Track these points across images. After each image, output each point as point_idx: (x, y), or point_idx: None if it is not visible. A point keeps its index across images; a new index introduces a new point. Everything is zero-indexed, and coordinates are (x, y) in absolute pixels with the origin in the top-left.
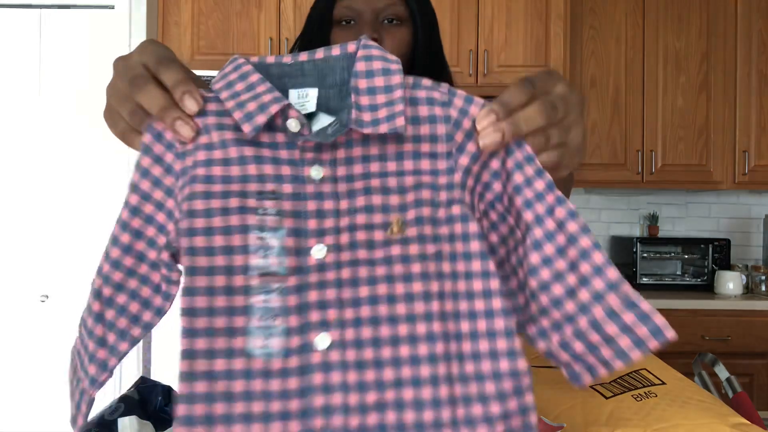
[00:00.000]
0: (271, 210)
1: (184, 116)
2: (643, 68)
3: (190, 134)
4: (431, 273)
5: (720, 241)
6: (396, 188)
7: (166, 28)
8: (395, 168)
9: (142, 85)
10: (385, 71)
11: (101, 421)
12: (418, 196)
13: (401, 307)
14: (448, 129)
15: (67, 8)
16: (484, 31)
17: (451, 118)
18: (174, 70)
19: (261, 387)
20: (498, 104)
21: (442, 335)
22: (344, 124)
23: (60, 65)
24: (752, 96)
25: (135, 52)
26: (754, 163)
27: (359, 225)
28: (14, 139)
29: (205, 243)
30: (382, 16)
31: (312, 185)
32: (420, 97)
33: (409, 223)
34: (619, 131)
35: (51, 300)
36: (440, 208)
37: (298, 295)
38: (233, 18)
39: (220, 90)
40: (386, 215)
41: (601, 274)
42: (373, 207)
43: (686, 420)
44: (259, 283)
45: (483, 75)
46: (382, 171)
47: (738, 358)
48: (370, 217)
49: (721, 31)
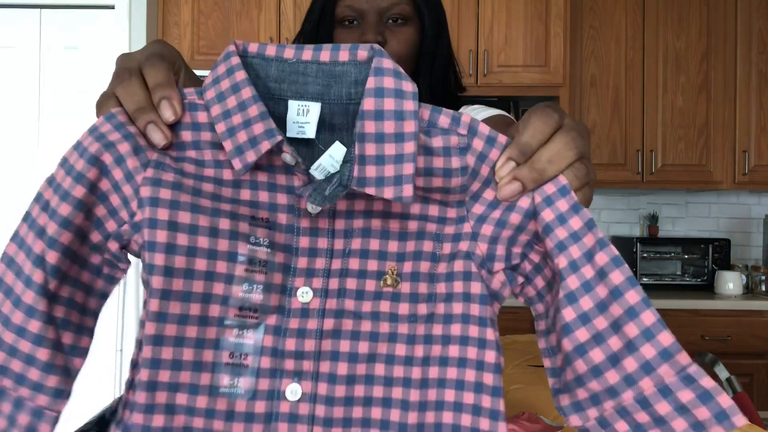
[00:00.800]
0: (263, 240)
1: (158, 120)
2: (643, 68)
3: (161, 142)
4: (418, 336)
5: (720, 241)
6: (397, 233)
7: (166, 28)
8: (400, 210)
9: (124, 79)
10: (397, 114)
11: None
12: (419, 246)
13: (380, 368)
14: (463, 180)
15: (67, 8)
16: (484, 31)
17: (468, 168)
18: (158, 69)
19: (221, 428)
20: (516, 147)
21: (418, 404)
22: (344, 184)
23: (60, 65)
24: (752, 96)
25: (139, 50)
26: (754, 163)
27: (351, 270)
28: (14, 139)
29: (185, 264)
30: (386, 16)
31: (307, 219)
32: (435, 147)
33: (403, 277)
34: (619, 131)
35: None
36: (441, 262)
37: (275, 337)
38: (233, 18)
39: (211, 102)
40: (382, 263)
41: (651, 339)
42: (369, 252)
43: None
44: (236, 316)
45: (483, 75)
46: (386, 211)
47: (738, 358)
48: (365, 263)
49: (721, 31)
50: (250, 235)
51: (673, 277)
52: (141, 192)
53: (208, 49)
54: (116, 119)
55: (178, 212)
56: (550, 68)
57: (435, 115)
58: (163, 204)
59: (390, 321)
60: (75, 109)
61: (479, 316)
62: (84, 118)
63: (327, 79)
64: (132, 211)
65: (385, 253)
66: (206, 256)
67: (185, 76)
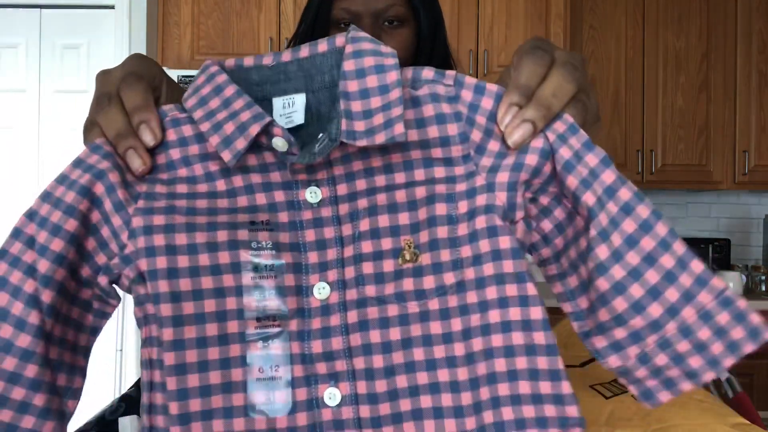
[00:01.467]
0: (266, 243)
1: (137, 146)
2: (643, 68)
3: (138, 168)
4: (452, 309)
5: (720, 241)
6: (406, 203)
7: (166, 28)
8: (404, 179)
9: (104, 106)
10: (378, 68)
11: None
12: (432, 212)
13: (419, 353)
14: (460, 128)
15: (67, 8)
16: (484, 31)
17: (462, 115)
18: (136, 90)
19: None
20: (515, 91)
21: (469, 382)
22: (333, 138)
23: (60, 65)
24: (752, 96)
25: (118, 66)
26: (754, 163)
27: (365, 255)
28: (14, 140)
29: (191, 286)
30: (382, 18)
31: (309, 210)
32: (422, 95)
33: (422, 248)
34: (619, 131)
35: None
36: (459, 223)
37: (301, 342)
38: (233, 18)
39: (193, 108)
40: (396, 239)
41: (686, 268)
42: (379, 230)
43: (686, 420)
44: (256, 328)
45: (483, 75)
46: (389, 184)
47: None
48: (378, 243)
49: (721, 31)
50: (251, 242)
51: None
52: (133, 222)
53: (208, 49)
54: (102, 150)
55: (174, 235)
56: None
57: (418, 71)
58: (158, 230)
59: (417, 299)
60: (75, 110)
61: (515, 272)
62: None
63: (308, 71)
64: (122, 243)
65: (397, 227)
66: (210, 273)
67: (167, 89)
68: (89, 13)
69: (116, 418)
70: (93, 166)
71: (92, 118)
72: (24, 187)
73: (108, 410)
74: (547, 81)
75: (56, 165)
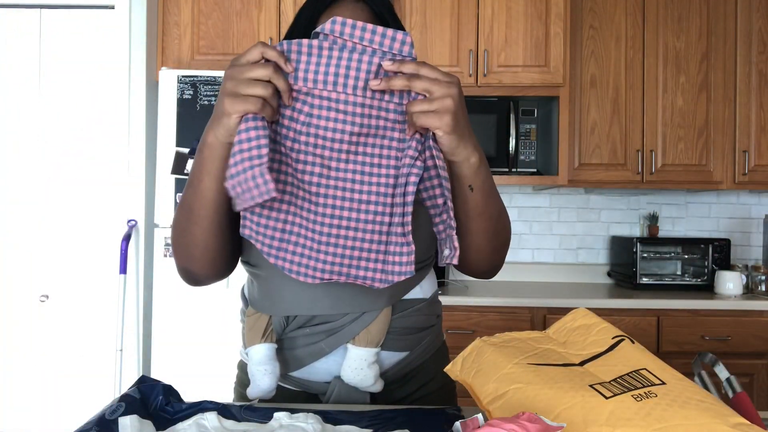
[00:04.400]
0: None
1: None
2: (643, 68)
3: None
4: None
5: (720, 241)
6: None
7: (166, 28)
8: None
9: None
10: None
11: (102, 420)
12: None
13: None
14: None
15: (67, 8)
16: (484, 31)
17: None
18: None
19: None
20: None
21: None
22: None
23: (60, 65)
24: (752, 96)
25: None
26: (754, 163)
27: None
28: (14, 139)
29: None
30: None
31: None
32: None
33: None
34: (619, 131)
35: (51, 300)
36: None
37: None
38: (233, 18)
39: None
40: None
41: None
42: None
43: (686, 420)
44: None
45: (483, 75)
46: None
47: (738, 358)
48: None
49: (721, 31)
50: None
51: (673, 277)
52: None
53: (208, 49)
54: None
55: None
56: (550, 68)
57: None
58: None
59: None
60: (75, 110)
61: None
62: (84, 119)
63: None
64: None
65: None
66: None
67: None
68: (89, 13)
69: (116, 417)
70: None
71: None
72: (24, 188)
73: (108, 410)
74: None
75: (56, 165)
